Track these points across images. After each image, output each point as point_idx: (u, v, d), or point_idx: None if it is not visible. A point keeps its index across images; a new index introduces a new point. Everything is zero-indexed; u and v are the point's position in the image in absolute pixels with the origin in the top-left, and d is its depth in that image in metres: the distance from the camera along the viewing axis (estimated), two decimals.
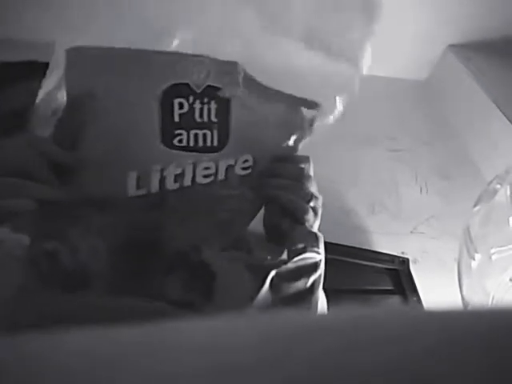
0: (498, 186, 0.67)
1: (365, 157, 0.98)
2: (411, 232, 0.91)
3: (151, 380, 0.10)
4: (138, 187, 0.37)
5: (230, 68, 0.39)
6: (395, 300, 0.83)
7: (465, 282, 0.69)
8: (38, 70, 0.56)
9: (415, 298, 0.82)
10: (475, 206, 0.70)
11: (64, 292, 0.34)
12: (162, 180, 0.37)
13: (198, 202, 0.40)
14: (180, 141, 0.38)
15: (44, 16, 0.84)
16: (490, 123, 0.97)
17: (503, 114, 0.93)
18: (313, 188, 0.43)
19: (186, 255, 0.38)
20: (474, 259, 0.66)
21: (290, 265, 0.39)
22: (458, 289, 0.70)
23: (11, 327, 0.30)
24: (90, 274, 0.35)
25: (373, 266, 0.85)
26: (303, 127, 0.43)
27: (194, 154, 0.39)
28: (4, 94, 0.55)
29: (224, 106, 0.40)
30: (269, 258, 0.40)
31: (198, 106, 0.38)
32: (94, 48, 0.35)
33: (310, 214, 0.42)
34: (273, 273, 0.38)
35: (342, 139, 0.92)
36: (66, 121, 0.36)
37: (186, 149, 0.39)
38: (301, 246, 0.40)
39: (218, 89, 0.39)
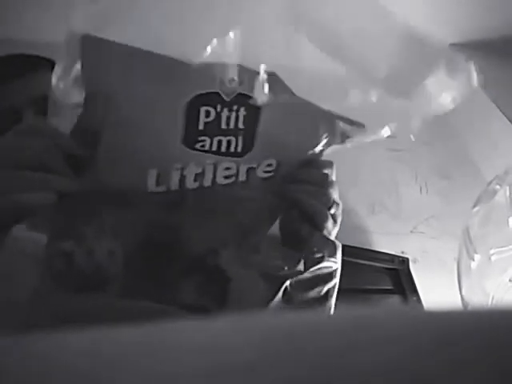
0: (498, 187, 0.67)
1: (365, 157, 0.98)
2: (411, 232, 0.91)
3: (151, 380, 0.10)
4: (158, 184, 0.36)
5: (264, 78, 0.37)
6: (395, 300, 0.83)
7: (464, 282, 0.69)
8: (35, 64, 0.56)
9: (415, 298, 0.82)
10: (474, 206, 0.70)
11: (78, 294, 0.34)
12: (182, 179, 0.37)
13: (218, 202, 0.39)
14: (202, 146, 0.37)
15: (44, 16, 0.84)
16: (489, 123, 0.97)
17: (503, 113, 0.93)
18: (335, 194, 0.42)
19: (202, 258, 0.37)
20: (473, 260, 0.66)
21: (306, 274, 0.38)
22: (458, 289, 0.70)
23: (24, 329, 0.29)
24: (105, 276, 0.35)
25: (373, 266, 0.85)
26: (334, 135, 0.41)
27: (216, 156, 0.38)
28: (1, 90, 0.54)
29: (253, 113, 0.38)
30: (286, 268, 0.39)
31: (225, 113, 0.37)
32: (114, 43, 0.33)
33: (330, 221, 0.41)
34: (287, 282, 0.37)
35: None
36: (84, 117, 0.34)
37: (208, 152, 0.38)
38: (318, 255, 0.39)
39: (249, 97, 0.37)
